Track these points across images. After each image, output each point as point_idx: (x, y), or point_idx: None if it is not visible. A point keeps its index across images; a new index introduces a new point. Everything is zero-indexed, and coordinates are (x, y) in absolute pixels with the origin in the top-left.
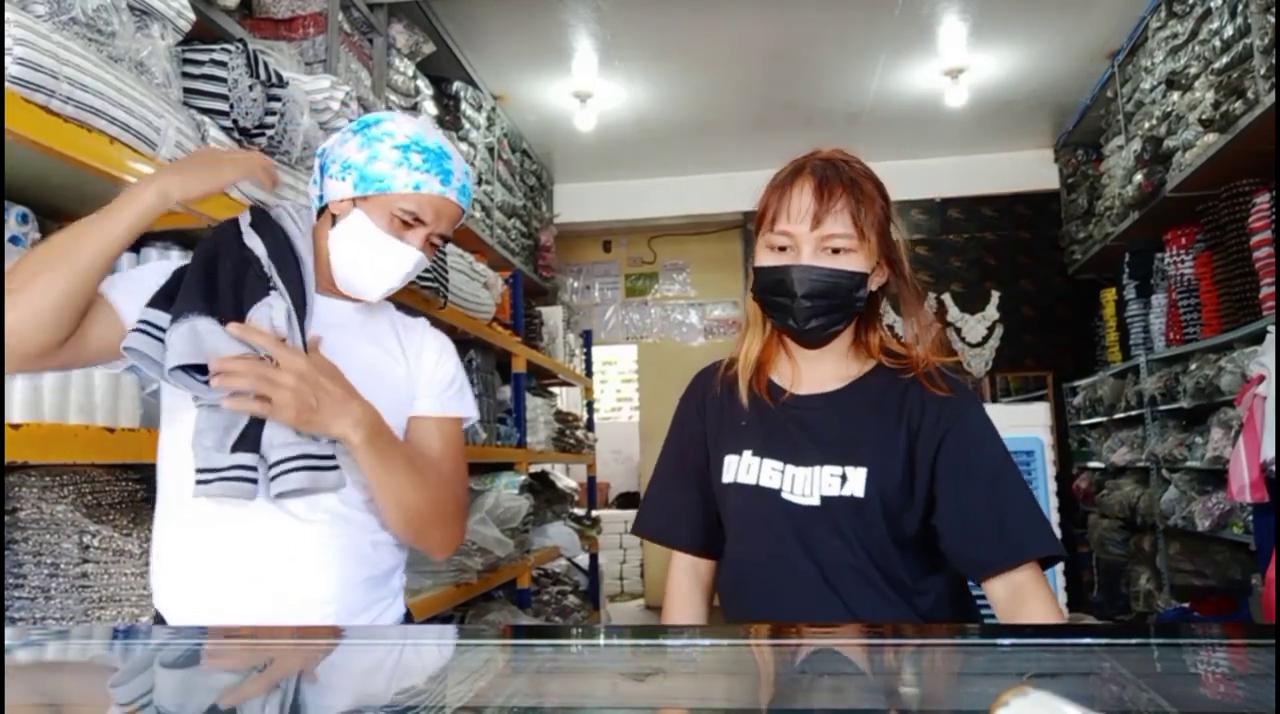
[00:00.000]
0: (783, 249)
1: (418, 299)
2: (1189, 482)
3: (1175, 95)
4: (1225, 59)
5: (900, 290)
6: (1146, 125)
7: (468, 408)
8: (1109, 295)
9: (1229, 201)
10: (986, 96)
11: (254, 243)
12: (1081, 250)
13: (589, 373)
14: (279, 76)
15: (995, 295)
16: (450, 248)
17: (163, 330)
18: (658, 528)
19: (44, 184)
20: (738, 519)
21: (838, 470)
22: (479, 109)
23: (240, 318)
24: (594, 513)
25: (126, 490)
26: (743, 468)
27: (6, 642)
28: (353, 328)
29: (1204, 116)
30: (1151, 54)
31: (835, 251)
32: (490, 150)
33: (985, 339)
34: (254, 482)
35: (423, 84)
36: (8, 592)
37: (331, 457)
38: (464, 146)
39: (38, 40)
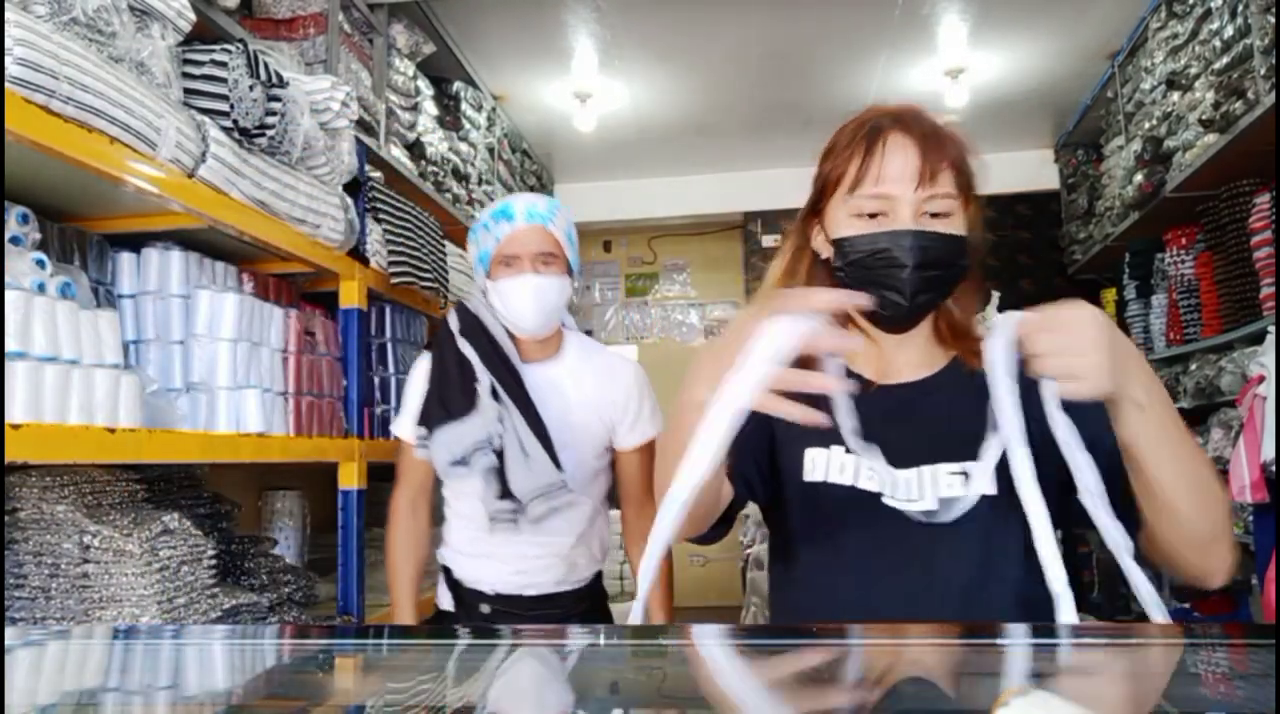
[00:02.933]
0: (873, 216)
1: (418, 300)
2: None
3: (1175, 95)
4: (1225, 59)
5: (974, 252)
6: (1146, 125)
7: (649, 430)
8: (1109, 295)
9: (1229, 202)
10: (986, 97)
11: (464, 346)
12: (1082, 250)
13: None
14: (279, 77)
15: (995, 296)
16: (450, 248)
17: (425, 442)
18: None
19: (44, 184)
20: (824, 526)
21: (957, 467)
22: (479, 109)
23: (470, 409)
24: None
25: (126, 490)
26: (834, 465)
27: (6, 642)
28: (561, 383)
29: (1204, 117)
30: (1151, 54)
31: (935, 216)
32: (490, 150)
33: None
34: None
35: (423, 84)
36: (8, 592)
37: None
38: (464, 147)
39: (38, 40)
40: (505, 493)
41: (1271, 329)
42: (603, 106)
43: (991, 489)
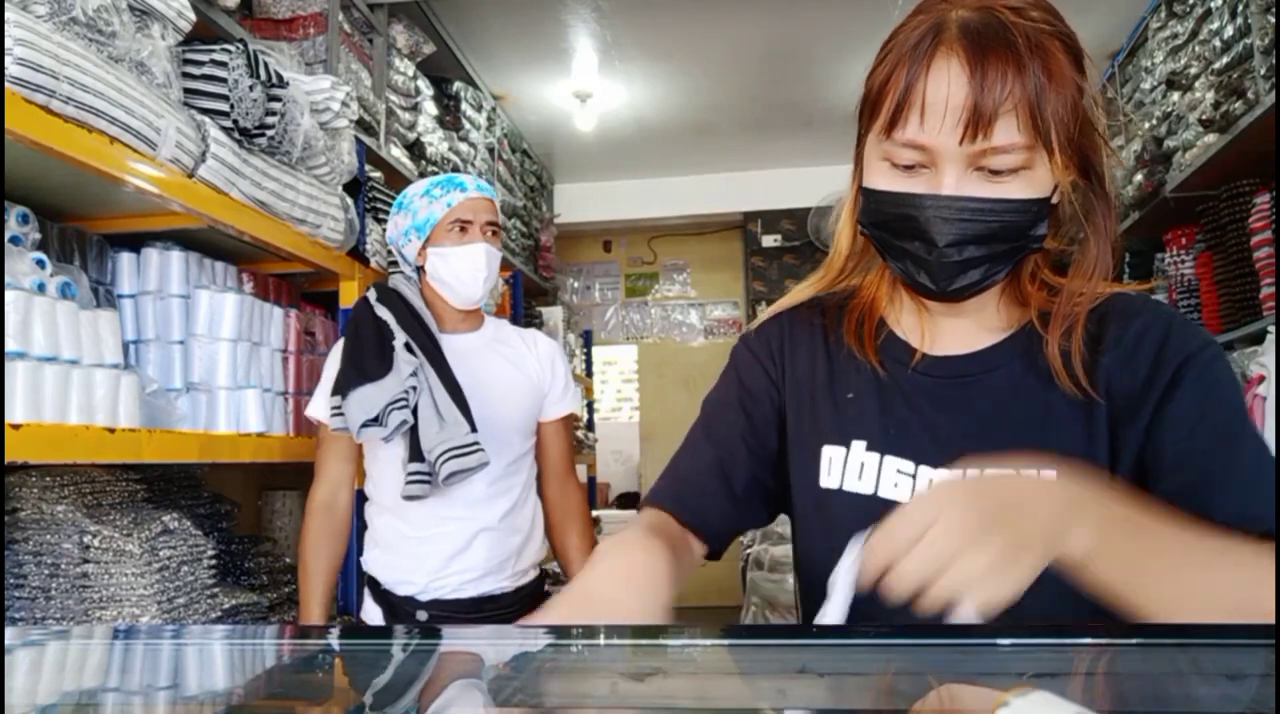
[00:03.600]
0: (910, 168)
1: None
2: None
3: (1175, 95)
4: (1225, 59)
5: (1087, 202)
6: (1146, 125)
7: (573, 403)
8: None
9: (1229, 202)
10: None
11: (382, 312)
12: None
13: (589, 373)
14: (279, 77)
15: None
16: None
17: (340, 409)
18: (679, 506)
19: (44, 184)
20: (842, 544)
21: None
22: (479, 109)
23: (386, 372)
24: (595, 513)
25: (126, 490)
26: (851, 468)
27: (6, 642)
28: (480, 351)
29: (1204, 116)
30: (1151, 54)
31: (996, 172)
32: (490, 150)
33: None
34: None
35: (423, 84)
36: (8, 592)
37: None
38: (464, 146)
39: (38, 40)
40: (417, 454)
41: (1271, 329)
42: (603, 106)
43: None
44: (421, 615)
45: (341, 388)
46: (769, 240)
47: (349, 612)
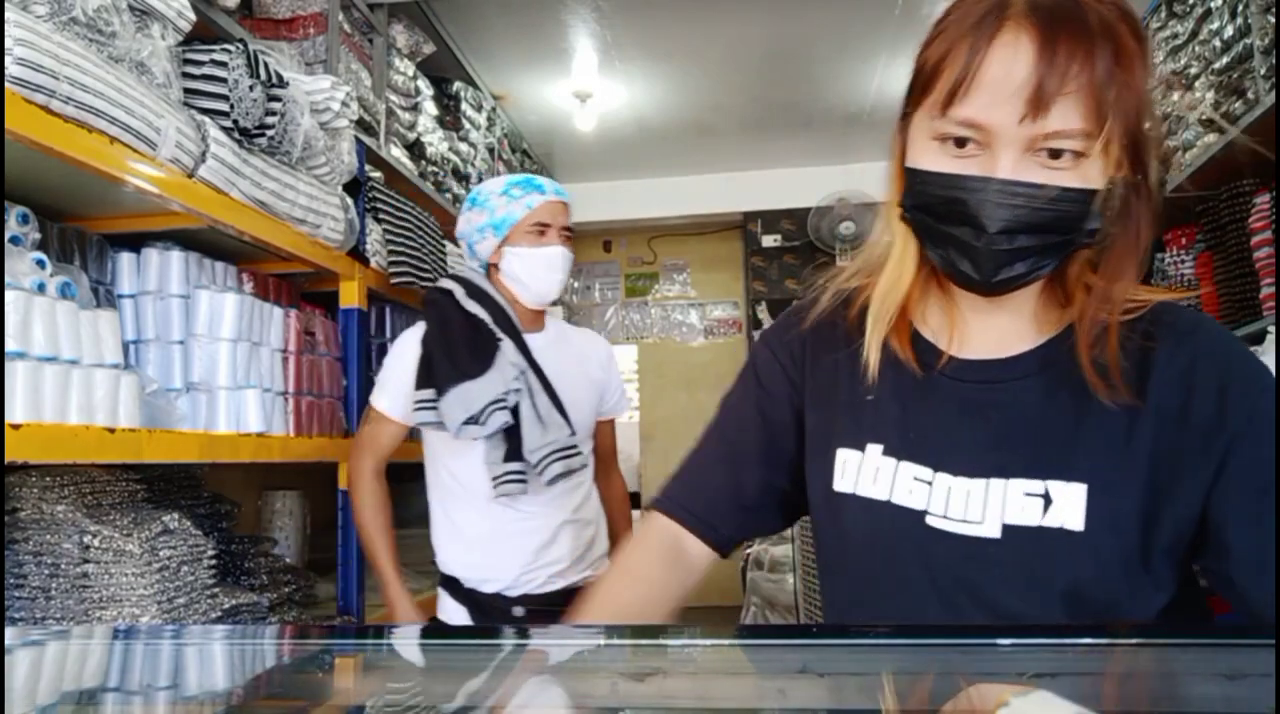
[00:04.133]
0: (962, 144)
1: (418, 300)
2: None
3: (1175, 95)
4: (1225, 59)
5: (1132, 202)
6: (1146, 125)
7: (626, 402)
8: None
9: (1229, 201)
10: None
11: (475, 308)
12: None
13: None
14: (279, 77)
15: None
16: (450, 248)
17: (433, 404)
18: (686, 511)
19: (44, 184)
20: (855, 550)
21: (1036, 486)
22: (479, 109)
23: (485, 369)
24: None
25: (126, 490)
26: (866, 472)
27: (6, 642)
28: (550, 350)
29: (1204, 117)
30: (1151, 54)
31: (1055, 154)
32: (490, 150)
33: None
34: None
35: (423, 84)
36: (8, 592)
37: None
38: (464, 147)
39: (38, 40)
40: (513, 454)
41: (1271, 329)
42: (603, 106)
43: (1078, 523)
44: (518, 611)
45: (438, 383)
46: (769, 240)
47: (349, 612)
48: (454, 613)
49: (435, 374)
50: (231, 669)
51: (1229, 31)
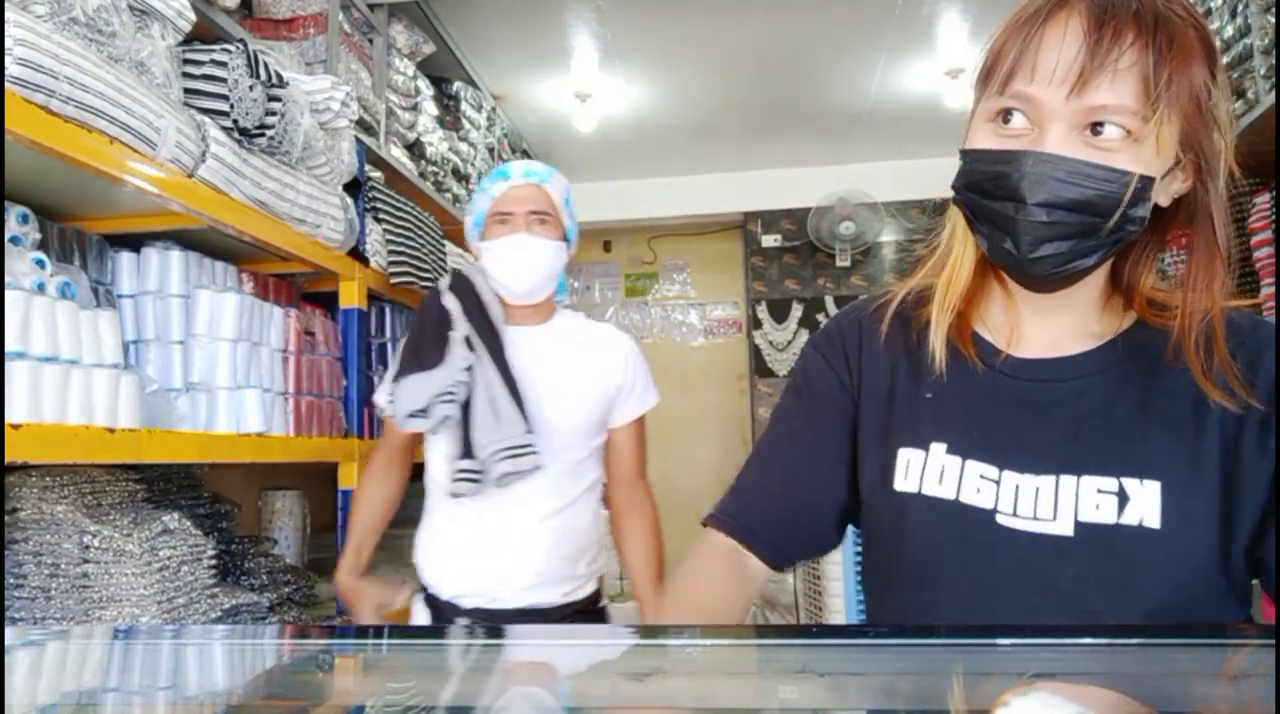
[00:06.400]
0: (1008, 119)
1: (418, 300)
2: None
3: None
4: (1225, 59)
5: (1200, 207)
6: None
7: (649, 402)
8: None
9: (1229, 202)
10: None
11: (450, 302)
12: None
13: None
14: (279, 77)
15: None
16: (450, 248)
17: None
18: (744, 529)
19: (44, 184)
20: (920, 552)
21: (1110, 483)
22: (479, 109)
23: (440, 361)
24: None
25: (126, 490)
26: (931, 471)
27: (6, 642)
28: (543, 346)
29: None
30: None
31: (1097, 131)
32: (490, 151)
33: None
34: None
35: (423, 84)
36: (8, 592)
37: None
38: (464, 147)
39: (38, 40)
40: (467, 451)
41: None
42: (603, 106)
43: (1156, 521)
44: (463, 624)
45: (397, 375)
46: (769, 240)
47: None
48: (419, 614)
49: (399, 366)
50: (231, 669)
51: (1229, 32)
